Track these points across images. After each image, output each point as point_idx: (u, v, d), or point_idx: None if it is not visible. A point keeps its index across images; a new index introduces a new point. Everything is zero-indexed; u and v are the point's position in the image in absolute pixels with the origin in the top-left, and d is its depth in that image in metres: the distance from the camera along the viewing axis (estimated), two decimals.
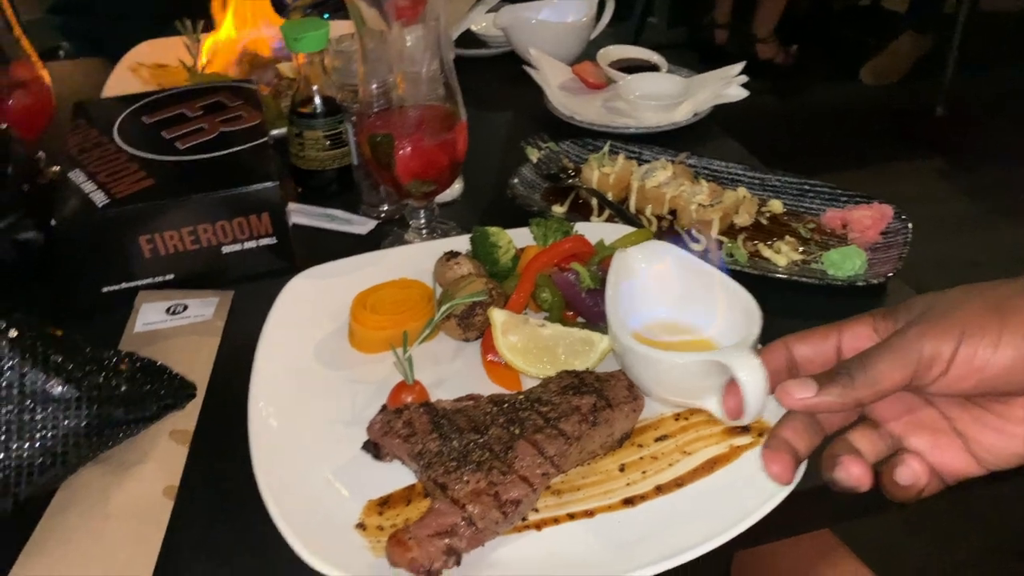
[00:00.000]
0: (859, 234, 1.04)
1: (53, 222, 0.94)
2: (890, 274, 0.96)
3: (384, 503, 0.73)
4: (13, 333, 0.72)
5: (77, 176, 1.00)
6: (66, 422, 0.73)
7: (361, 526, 0.70)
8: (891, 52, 4.03)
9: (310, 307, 0.93)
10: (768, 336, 0.70)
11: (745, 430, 0.77)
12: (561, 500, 0.73)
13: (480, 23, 1.70)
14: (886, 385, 0.59)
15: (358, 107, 0.98)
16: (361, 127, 0.98)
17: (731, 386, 0.68)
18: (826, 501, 0.78)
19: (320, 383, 0.86)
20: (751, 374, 0.66)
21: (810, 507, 0.78)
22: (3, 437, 0.71)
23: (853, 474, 0.61)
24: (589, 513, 0.71)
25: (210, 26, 1.49)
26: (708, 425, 0.78)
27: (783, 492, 0.70)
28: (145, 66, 1.50)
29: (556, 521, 0.71)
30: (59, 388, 0.73)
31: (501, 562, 0.68)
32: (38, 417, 0.72)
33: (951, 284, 0.64)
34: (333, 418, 0.82)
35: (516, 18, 1.56)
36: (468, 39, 1.68)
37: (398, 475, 0.75)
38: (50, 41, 2.11)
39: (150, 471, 0.77)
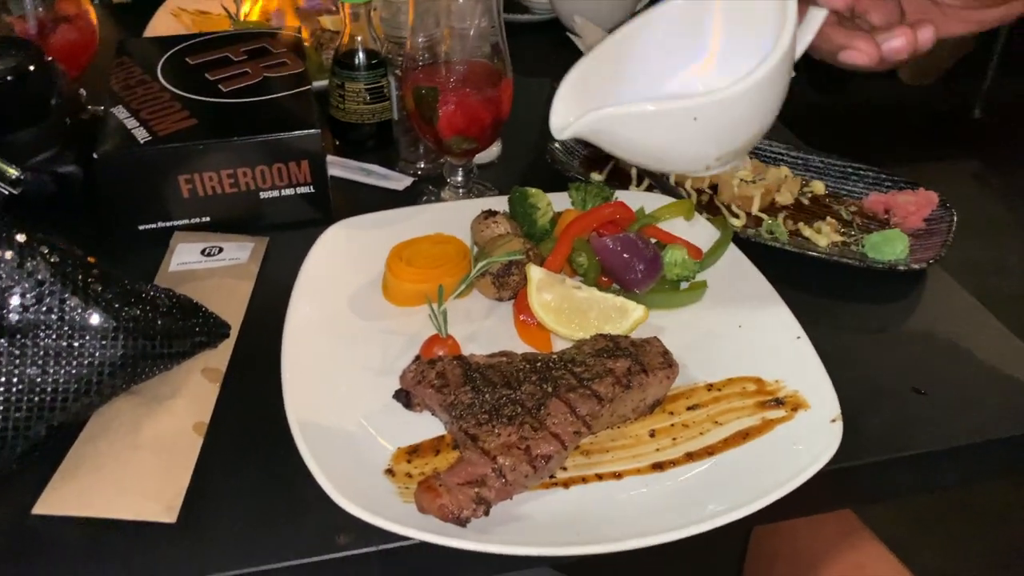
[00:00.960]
0: (902, 220, 1.03)
1: (95, 156, 0.94)
2: (932, 260, 0.95)
3: (413, 452, 0.73)
4: (55, 259, 0.72)
5: (120, 112, 1.00)
6: (102, 351, 0.73)
7: (390, 472, 0.70)
8: (932, 51, 3.95)
9: (346, 257, 0.93)
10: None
11: (779, 404, 0.76)
12: (590, 460, 0.73)
13: None
14: None
15: (404, 59, 0.97)
16: (406, 79, 0.97)
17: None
18: (850, 481, 0.78)
19: (353, 331, 0.86)
20: None
21: (834, 486, 0.77)
22: (41, 362, 0.71)
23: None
24: (617, 475, 0.71)
25: None
26: (741, 397, 0.78)
27: (812, 468, 0.70)
28: (187, 12, 1.49)
29: (584, 480, 0.71)
30: (97, 318, 0.73)
31: (528, 516, 0.68)
32: (75, 344, 0.72)
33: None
34: (365, 366, 0.82)
35: None
36: (512, 4, 1.67)
37: (428, 426, 0.75)
38: None
39: (181, 406, 0.77)
